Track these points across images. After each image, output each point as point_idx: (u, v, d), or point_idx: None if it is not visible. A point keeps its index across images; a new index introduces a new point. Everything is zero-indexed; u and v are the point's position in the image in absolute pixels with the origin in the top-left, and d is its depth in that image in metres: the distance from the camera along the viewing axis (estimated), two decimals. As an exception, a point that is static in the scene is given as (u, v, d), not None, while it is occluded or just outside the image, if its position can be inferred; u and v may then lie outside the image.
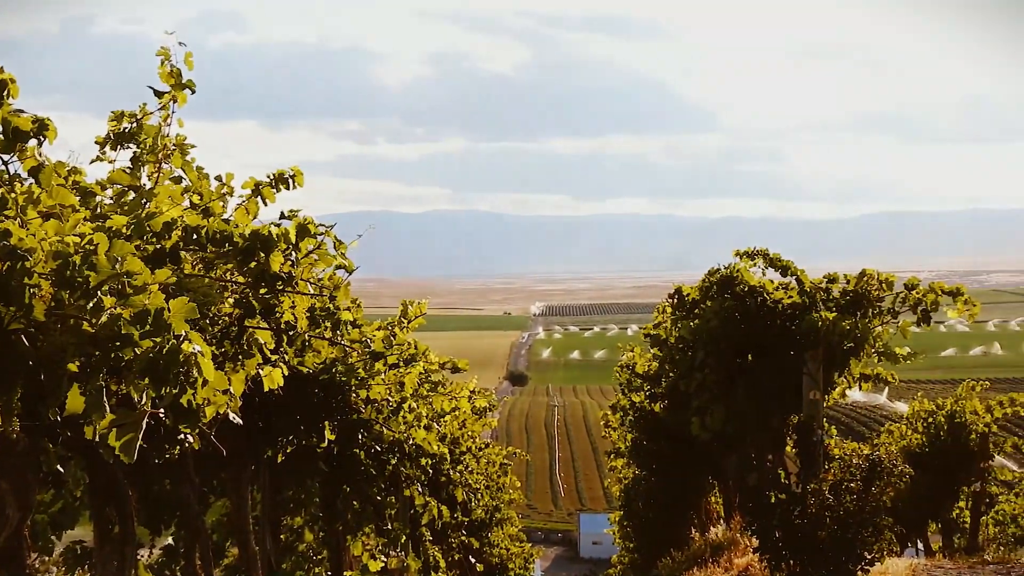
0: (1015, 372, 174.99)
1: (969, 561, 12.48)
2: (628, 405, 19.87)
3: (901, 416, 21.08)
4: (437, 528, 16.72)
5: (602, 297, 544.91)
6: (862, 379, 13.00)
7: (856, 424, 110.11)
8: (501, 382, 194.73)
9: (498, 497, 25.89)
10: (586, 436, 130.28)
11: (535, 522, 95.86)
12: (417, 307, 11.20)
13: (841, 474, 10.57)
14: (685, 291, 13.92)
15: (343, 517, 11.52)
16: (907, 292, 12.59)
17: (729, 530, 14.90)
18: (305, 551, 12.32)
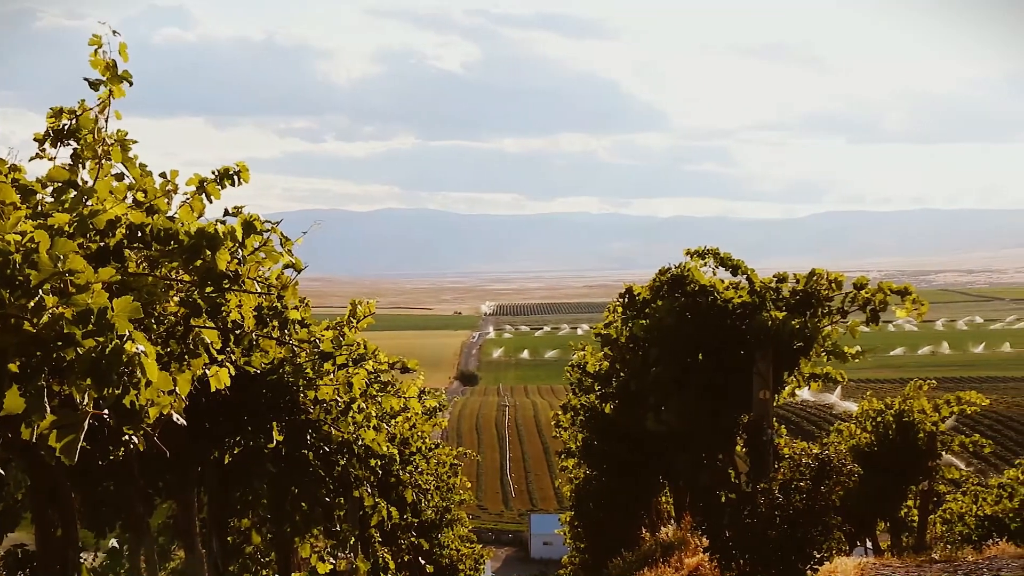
0: (962, 371, 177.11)
1: (917, 559, 12.56)
2: (579, 405, 19.86)
3: (851, 415, 21.22)
4: (387, 529, 16.62)
5: (553, 296, 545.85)
6: (811, 378, 13.05)
7: (806, 423, 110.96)
8: (451, 382, 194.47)
9: (448, 498, 25.80)
10: (537, 436, 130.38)
11: (486, 523, 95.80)
12: (366, 306, 11.11)
13: (791, 473, 10.60)
14: (636, 290, 13.91)
15: (291, 519, 11.41)
16: (856, 292, 12.65)
17: (680, 530, 14.93)
18: (253, 553, 12.17)
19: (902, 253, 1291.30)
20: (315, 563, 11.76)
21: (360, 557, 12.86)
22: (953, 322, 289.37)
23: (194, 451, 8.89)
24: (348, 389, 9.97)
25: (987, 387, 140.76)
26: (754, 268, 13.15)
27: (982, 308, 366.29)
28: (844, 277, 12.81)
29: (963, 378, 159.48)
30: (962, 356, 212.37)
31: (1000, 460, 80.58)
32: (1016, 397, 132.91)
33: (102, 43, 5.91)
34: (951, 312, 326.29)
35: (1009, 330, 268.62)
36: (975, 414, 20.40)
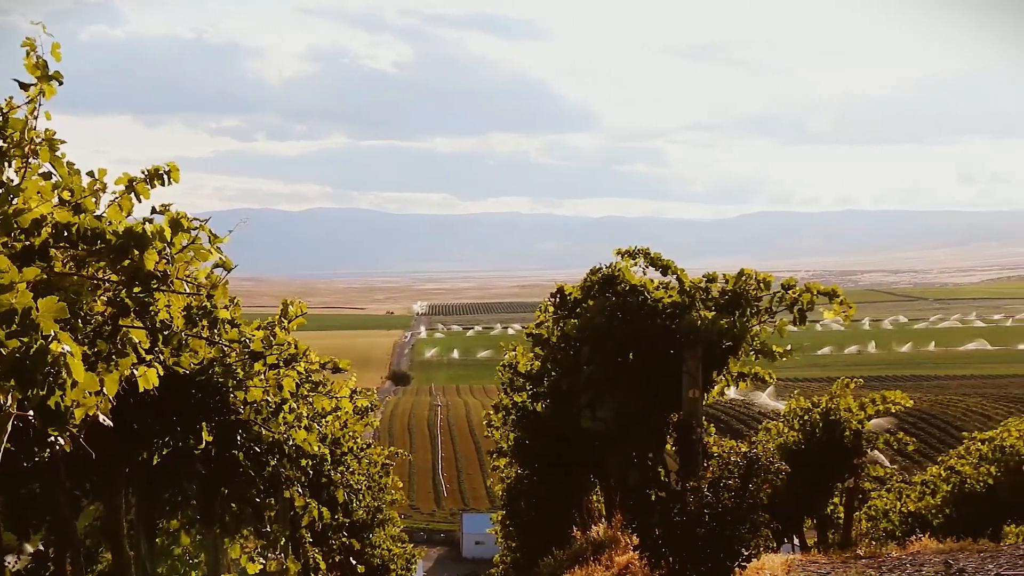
0: (888, 370, 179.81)
1: (842, 556, 12.73)
2: (511, 404, 19.89)
3: (779, 414, 21.45)
4: (318, 530, 16.55)
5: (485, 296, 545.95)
6: (740, 377, 13.18)
7: (735, 422, 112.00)
8: (384, 382, 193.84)
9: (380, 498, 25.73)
10: (469, 436, 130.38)
11: (418, 522, 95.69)
12: (298, 306, 11.05)
13: (720, 472, 10.70)
14: (567, 290, 13.96)
15: (221, 519, 11.32)
16: (784, 292, 12.80)
17: (610, 528, 15.01)
18: (182, 555, 12.06)
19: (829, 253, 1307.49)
20: (245, 564, 11.69)
21: (291, 558, 12.80)
22: (879, 322, 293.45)
23: (122, 452, 8.79)
24: (279, 389, 9.91)
25: (911, 386, 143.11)
26: (684, 268, 13.25)
27: (907, 308, 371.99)
28: (772, 277, 12.95)
29: (888, 377, 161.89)
30: (887, 355, 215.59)
31: (924, 457, 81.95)
32: (939, 395, 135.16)
33: (35, 46, 5.83)
34: (877, 312, 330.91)
35: (933, 329, 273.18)
36: (899, 412, 20.70)
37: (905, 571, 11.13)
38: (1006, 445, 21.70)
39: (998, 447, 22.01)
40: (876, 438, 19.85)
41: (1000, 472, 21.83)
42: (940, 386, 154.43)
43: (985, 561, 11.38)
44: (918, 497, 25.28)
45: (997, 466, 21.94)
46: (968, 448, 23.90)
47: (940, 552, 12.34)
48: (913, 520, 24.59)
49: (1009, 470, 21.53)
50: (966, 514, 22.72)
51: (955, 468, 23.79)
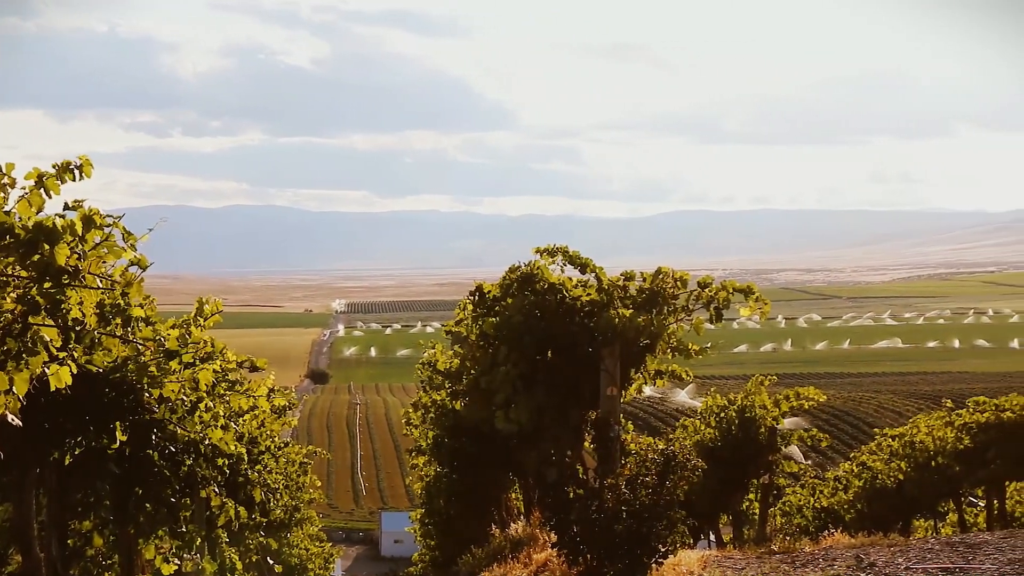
0: (802, 368, 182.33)
1: (757, 551, 12.87)
2: (430, 402, 19.86)
3: (696, 411, 21.66)
4: (234, 529, 16.38)
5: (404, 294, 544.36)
6: (657, 375, 13.28)
7: (653, 419, 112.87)
8: (302, 380, 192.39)
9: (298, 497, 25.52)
10: (388, 434, 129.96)
11: (336, 521, 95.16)
12: (214, 304, 10.93)
13: (637, 469, 10.76)
14: (486, 288, 13.97)
15: (135, 520, 11.17)
16: (700, 290, 12.93)
17: (529, 526, 15.03)
18: (95, 556, 11.89)
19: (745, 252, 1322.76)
20: (160, 565, 11.55)
21: (207, 558, 12.66)
22: (794, 320, 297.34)
23: (32, 452, 8.63)
24: (194, 388, 9.80)
25: (825, 383, 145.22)
26: (602, 266, 13.32)
27: (821, 306, 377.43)
28: (689, 275, 13.07)
29: (803, 374, 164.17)
30: (802, 353, 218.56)
31: (837, 454, 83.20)
32: (852, 392, 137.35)
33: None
34: (792, 310, 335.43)
35: (846, 327, 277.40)
36: (813, 409, 21.01)
37: (818, 566, 11.29)
38: (916, 441, 22.14)
39: (908, 443, 22.44)
40: (790, 435, 20.13)
41: (910, 468, 22.26)
42: (853, 383, 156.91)
43: (895, 555, 11.58)
44: (831, 493, 25.70)
45: (907, 462, 22.38)
46: (879, 444, 24.35)
47: (852, 547, 12.54)
48: (826, 515, 25.01)
49: (918, 466, 21.97)
50: (877, 509, 23.15)
51: (867, 464, 24.23)
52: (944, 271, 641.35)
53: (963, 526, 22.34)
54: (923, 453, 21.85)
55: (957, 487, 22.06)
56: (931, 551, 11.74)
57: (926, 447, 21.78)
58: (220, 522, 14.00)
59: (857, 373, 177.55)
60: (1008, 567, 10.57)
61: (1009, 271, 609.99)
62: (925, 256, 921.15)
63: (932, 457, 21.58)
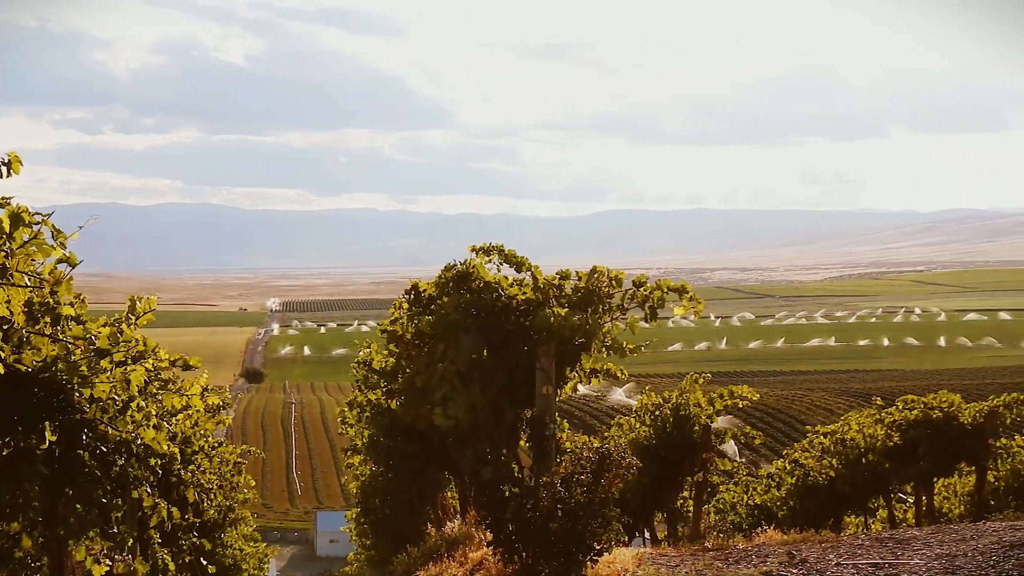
0: (736, 366, 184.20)
1: (691, 548, 12.98)
2: (365, 401, 19.80)
3: (631, 410, 21.79)
4: (167, 530, 16.22)
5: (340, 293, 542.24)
6: (592, 374, 13.33)
7: (589, 418, 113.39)
8: (237, 379, 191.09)
9: (232, 497, 25.31)
10: (324, 433, 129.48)
11: (271, 521, 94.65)
12: (146, 302, 10.81)
13: (572, 467, 10.81)
14: (422, 287, 13.95)
15: (65, 521, 11.01)
16: (635, 289, 13.00)
17: (464, 524, 15.03)
18: (23, 558, 11.70)
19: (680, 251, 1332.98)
20: (91, 566, 11.39)
21: (139, 559, 12.52)
22: (728, 318, 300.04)
23: (-41, 453, 8.49)
24: (126, 387, 9.68)
25: (759, 381, 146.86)
26: (538, 265, 13.35)
27: (754, 305, 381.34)
28: (624, 274, 13.14)
29: (737, 372, 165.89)
30: (736, 351, 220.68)
31: (770, 451, 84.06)
32: (786, 390, 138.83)
33: None
34: (725, 308, 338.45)
35: (779, 326, 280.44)
36: (747, 407, 21.21)
37: (750, 562, 11.40)
38: (847, 438, 22.42)
39: (839, 440, 22.72)
40: (725, 433, 20.30)
41: (841, 464, 22.54)
42: (786, 381, 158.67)
43: (826, 551, 11.74)
44: (764, 490, 25.97)
45: (838, 459, 22.65)
46: (811, 442, 24.63)
47: (784, 543, 12.68)
48: (759, 512, 25.26)
49: (849, 462, 22.25)
50: (809, 506, 23.43)
51: (799, 461, 24.51)
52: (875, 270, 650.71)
53: (893, 522, 22.67)
54: (854, 450, 22.13)
55: (887, 484, 22.38)
56: (861, 547, 11.92)
57: (857, 444, 22.06)
58: (152, 523, 13.86)
59: (790, 371, 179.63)
60: (936, 562, 10.75)
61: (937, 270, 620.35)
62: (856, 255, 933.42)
63: (863, 454, 21.86)
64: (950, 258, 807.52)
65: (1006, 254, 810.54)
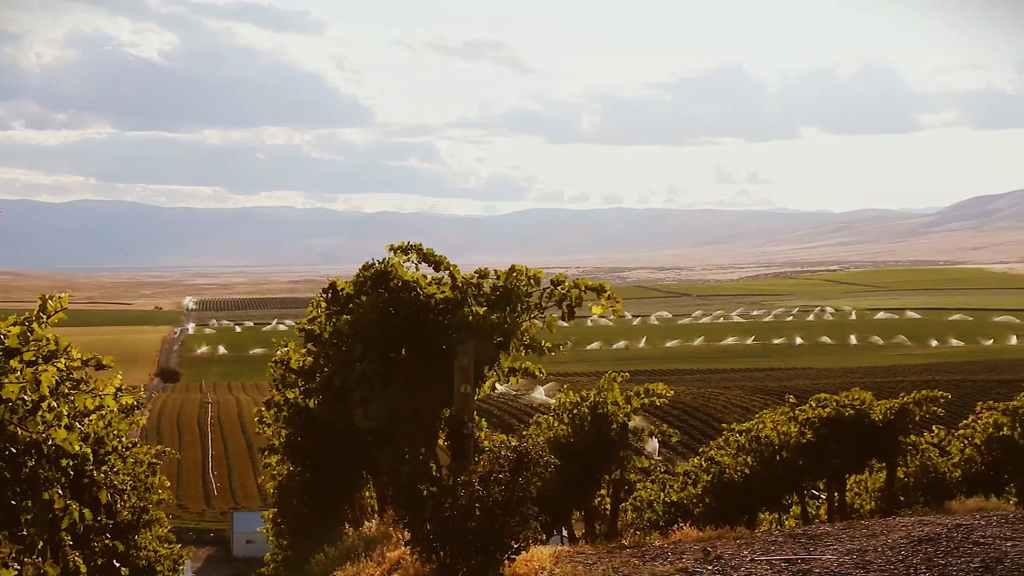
0: (654, 364, 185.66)
1: (608, 546, 13.06)
2: (283, 401, 19.65)
3: (550, 408, 21.85)
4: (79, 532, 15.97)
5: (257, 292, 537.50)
6: (511, 372, 13.36)
7: (507, 416, 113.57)
8: (152, 379, 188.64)
9: (146, 498, 24.99)
10: (241, 433, 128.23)
11: (187, 522, 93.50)
12: (58, 301, 10.64)
13: (490, 466, 10.84)
14: (340, 286, 13.89)
15: (-26, 524, 10.80)
16: (553, 288, 13.06)
17: (382, 524, 15.01)
18: (-70, 563, 11.46)
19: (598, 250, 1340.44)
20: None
21: (49, 562, 12.31)
22: (646, 317, 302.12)
23: None
24: (36, 387, 9.53)
25: (676, 379, 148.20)
26: (457, 264, 13.35)
27: (672, 304, 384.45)
28: (542, 273, 13.19)
29: (655, 371, 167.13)
30: (654, 350, 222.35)
31: (687, 449, 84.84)
32: (702, 388, 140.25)
33: None
34: (644, 307, 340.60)
35: (696, 325, 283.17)
36: (664, 405, 21.39)
37: (667, 559, 11.51)
38: (761, 436, 22.70)
39: (754, 438, 23.00)
40: (642, 431, 20.43)
41: (756, 462, 22.83)
42: (703, 380, 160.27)
43: (741, 547, 11.89)
44: (680, 487, 26.21)
45: (753, 456, 22.94)
46: (727, 439, 24.90)
47: (700, 540, 12.82)
48: (676, 509, 25.49)
49: (764, 460, 22.54)
50: (725, 503, 23.70)
51: (715, 459, 24.77)
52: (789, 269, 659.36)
53: (806, 518, 23.00)
54: (768, 447, 22.42)
55: (800, 480, 22.70)
56: (775, 543, 12.09)
57: (771, 441, 22.35)
58: (64, 525, 13.63)
59: (707, 370, 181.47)
60: (847, 557, 10.94)
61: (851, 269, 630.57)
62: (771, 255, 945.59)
63: (777, 451, 22.15)
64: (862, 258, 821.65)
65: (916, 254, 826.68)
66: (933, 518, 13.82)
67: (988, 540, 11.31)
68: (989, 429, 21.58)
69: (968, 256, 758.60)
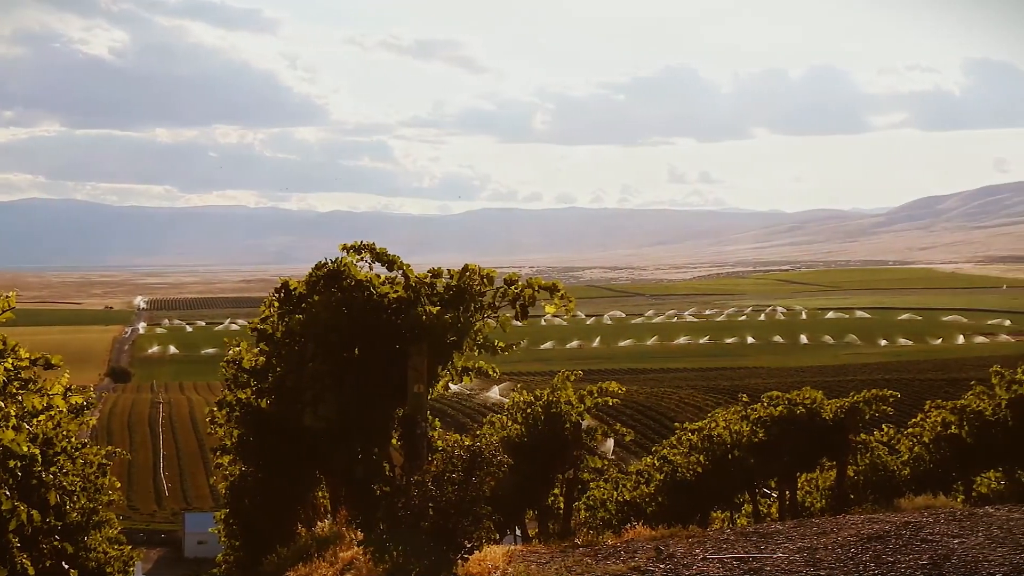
0: (608, 364, 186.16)
1: (561, 545, 13.08)
2: (234, 401, 19.53)
3: (503, 407, 21.85)
4: (27, 534, 15.81)
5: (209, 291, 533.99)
6: (464, 372, 13.36)
7: (461, 416, 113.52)
8: (102, 379, 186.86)
9: (96, 499, 24.74)
10: (192, 433, 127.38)
11: (137, 523, 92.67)
12: (4, 300, 10.53)
13: (444, 465, 10.82)
14: (292, 285, 13.83)
15: (-81, 527, 10.67)
16: (507, 287, 13.07)
17: (335, 524, 14.95)
18: None
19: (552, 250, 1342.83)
20: (-55, 573, 11.06)
21: (-3, 564, 12.19)
22: (599, 316, 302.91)
23: None
24: (-16, 388, 9.43)
25: (629, 378, 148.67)
26: (410, 263, 13.34)
27: (625, 303, 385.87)
28: (496, 273, 13.20)
29: (608, 370, 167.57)
30: (607, 349, 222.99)
31: (640, 448, 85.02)
32: (655, 388, 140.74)
33: None
34: (597, 307, 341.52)
35: (649, 324, 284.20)
36: (617, 404, 21.45)
37: (619, 558, 11.55)
38: (714, 435, 22.84)
39: (706, 437, 23.14)
40: (595, 430, 20.47)
41: (708, 461, 22.96)
42: (656, 379, 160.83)
43: (693, 546, 11.95)
44: (633, 486, 26.30)
45: (705, 455, 23.07)
46: (680, 438, 25.00)
47: (653, 538, 12.87)
48: (629, 508, 25.57)
49: (716, 459, 22.68)
50: (677, 501, 23.80)
51: (667, 458, 24.88)
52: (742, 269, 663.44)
53: (757, 517, 23.16)
54: (720, 446, 22.56)
55: (752, 479, 22.85)
56: (727, 541, 12.16)
57: (723, 440, 22.49)
58: (11, 527, 13.48)
59: (660, 369, 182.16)
60: (797, 555, 11.04)
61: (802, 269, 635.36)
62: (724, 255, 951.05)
63: (729, 450, 22.29)
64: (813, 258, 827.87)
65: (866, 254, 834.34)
66: (882, 516, 13.96)
67: (936, 538, 11.45)
68: (937, 428, 21.82)
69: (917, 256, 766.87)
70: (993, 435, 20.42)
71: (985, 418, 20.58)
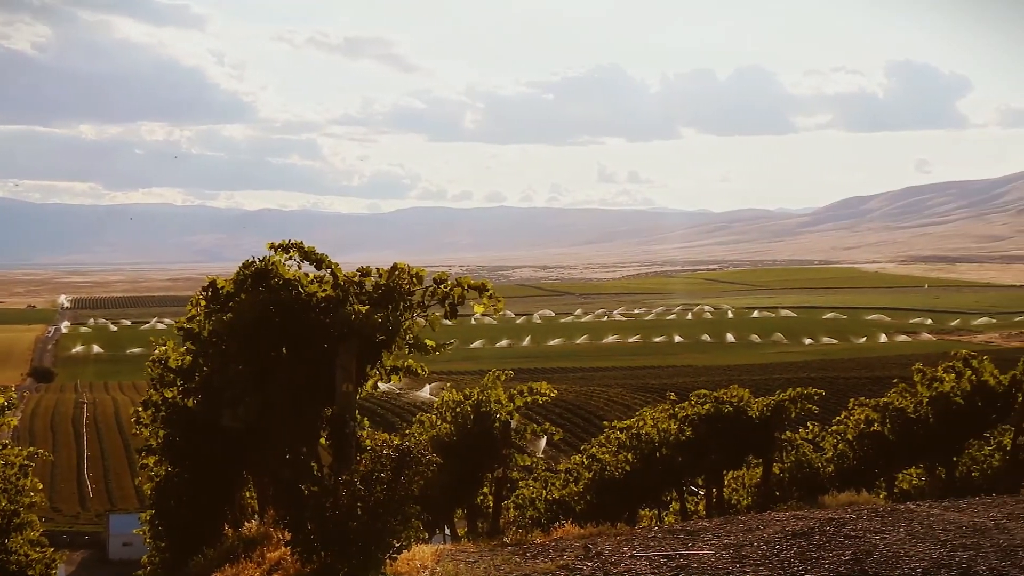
0: (537, 362, 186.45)
1: (490, 544, 13.11)
2: (160, 400, 19.32)
3: (433, 406, 21.83)
4: (-53, 537, 15.54)
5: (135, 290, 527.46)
6: (393, 371, 13.33)
7: (391, 415, 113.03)
8: (24, 379, 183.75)
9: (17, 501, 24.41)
10: (117, 433, 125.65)
11: (60, 525, 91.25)
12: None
13: (372, 465, 10.80)
14: (219, 284, 13.71)
15: None
16: (436, 286, 13.06)
17: (263, 524, 14.85)
18: None
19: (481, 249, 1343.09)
20: None
21: (-85, 569, 11.98)
22: (529, 315, 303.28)
23: None
24: (-98, 388, 9.25)
25: (559, 377, 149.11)
26: (339, 262, 13.27)
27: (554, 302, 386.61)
28: (425, 272, 13.18)
29: (538, 369, 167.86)
30: (537, 348, 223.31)
31: (569, 447, 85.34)
32: (584, 386, 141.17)
33: None
34: (527, 306, 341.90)
35: (579, 323, 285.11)
36: (547, 403, 21.51)
37: (548, 556, 11.60)
38: (642, 433, 22.97)
39: (635, 435, 23.27)
40: (524, 428, 20.53)
41: (636, 459, 23.10)
42: (585, 377, 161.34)
43: (621, 544, 12.03)
44: (562, 485, 26.38)
45: (634, 453, 23.21)
46: (608, 437, 25.13)
47: (581, 537, 12.95)
48: (557, 507, 25.66)
49: (644, 457, 22.82)
50: (606, 500, 23.92)
51: (596, 456, 24.99)
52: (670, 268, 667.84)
53: (685, 514, 23.35)
54: (648, 445, 22.70)
55: (680, 477, 23.03)
56: (655, 539, 12.26)
57: (651, 439, 22.63)
58: (-69, 530, 13.27)
59: (589, 368, 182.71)
60: (723, 551, 11.15)
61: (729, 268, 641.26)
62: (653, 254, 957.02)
63: (657, 448, 22.44)
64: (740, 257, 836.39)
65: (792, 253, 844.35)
66: (807, 513, 14.15)
67: (859, 534, 11.63)
68: (861, 425, 22.13)
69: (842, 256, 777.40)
70: (915, 432, 20.75)
71: (907, 415, 20.91)
